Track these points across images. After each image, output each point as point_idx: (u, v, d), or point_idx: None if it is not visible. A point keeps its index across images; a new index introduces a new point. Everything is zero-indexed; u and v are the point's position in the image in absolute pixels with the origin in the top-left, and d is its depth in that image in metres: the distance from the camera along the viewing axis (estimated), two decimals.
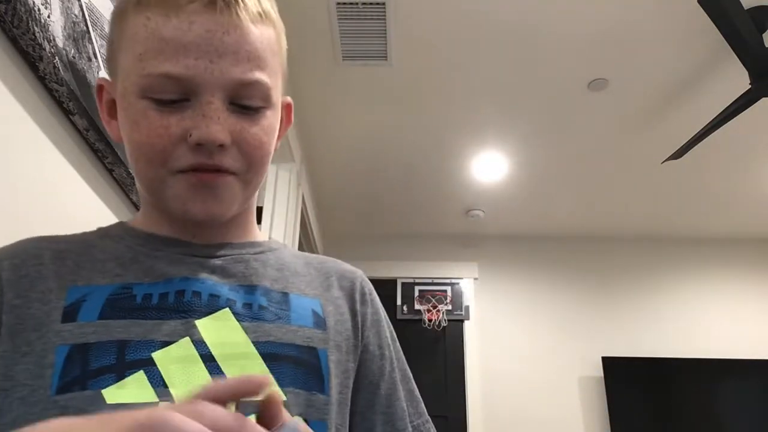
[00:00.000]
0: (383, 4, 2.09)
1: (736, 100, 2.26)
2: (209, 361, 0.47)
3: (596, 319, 3.82)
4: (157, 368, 0.45)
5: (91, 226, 0.87)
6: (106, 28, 0.85)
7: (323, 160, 3.18)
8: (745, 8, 1.92)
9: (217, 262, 0.54)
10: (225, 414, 0.30)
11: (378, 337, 0.63)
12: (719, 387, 3.47)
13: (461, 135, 2.92)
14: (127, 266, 0.52)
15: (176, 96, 0.49)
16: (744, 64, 2.08)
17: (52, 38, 0.69)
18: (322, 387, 0.53)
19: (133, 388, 0.44)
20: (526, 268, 4.00)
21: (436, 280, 3.92)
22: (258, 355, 0.50)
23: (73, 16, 0.75)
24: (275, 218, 2.49)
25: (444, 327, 3.79)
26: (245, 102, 0.51)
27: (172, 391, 0.45)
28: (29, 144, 0.71)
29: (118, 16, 0.53)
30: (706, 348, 3.69)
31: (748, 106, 2.26)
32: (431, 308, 3.81)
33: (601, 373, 3.54)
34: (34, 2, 0.65)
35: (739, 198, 3.47)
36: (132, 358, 0.45)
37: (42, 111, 0.73)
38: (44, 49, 0.68)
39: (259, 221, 2.45)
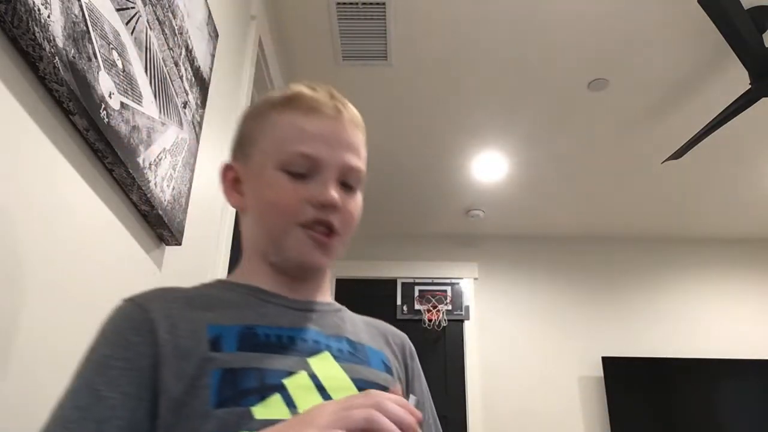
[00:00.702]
0: (383, 4, 2.09)
1: (736, 100, 2.26)
2: (322, 390, 0.59)
3: (596, 319, 3.82)
4: (288, 392, 0.58)
5: (91, 226, 0.87)
6: (106, 28, 0.85)
7: None
8: (745, 8, 1.92)
9: (312, 315, 0.69)
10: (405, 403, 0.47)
11: (420, 388, 0.76)
12: (719, 387, 3.47)
13: (461, 135, 2.92)
14: (244, 311, 0.65)
15: (305, 170, 0.67)
16: (744, 64, 2.08)
17: (52, 38, 0.69)
18: None
19: (274, 407, 0.56)
20: (526, 268, 4.00)
21: (436, 280, 3.92)
22: (356, 388, 0.62)
23: (73, 16, 0.75)
24: None
25: (444, 327, 3.79)
26: (348, 181, 0.69)
27: (299, 411, 0.56)
28: (29, 144, 0.71)
29: (258, 115, 0.72)
30: (706, 348, 3.69)
31: (748, 106, 2.26)
32: (431, 308, 3.81)
33: (601, 373, 3.54)
34: (34, 2, 0.65)
35: (739, 198, 3.47)
36: (269, 383, 0.57)
37: (42, 111, 0.74)
38: (44, 49, 0.68)
39: None
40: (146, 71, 1.00)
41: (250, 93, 1.82)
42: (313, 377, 0.60)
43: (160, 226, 1.09)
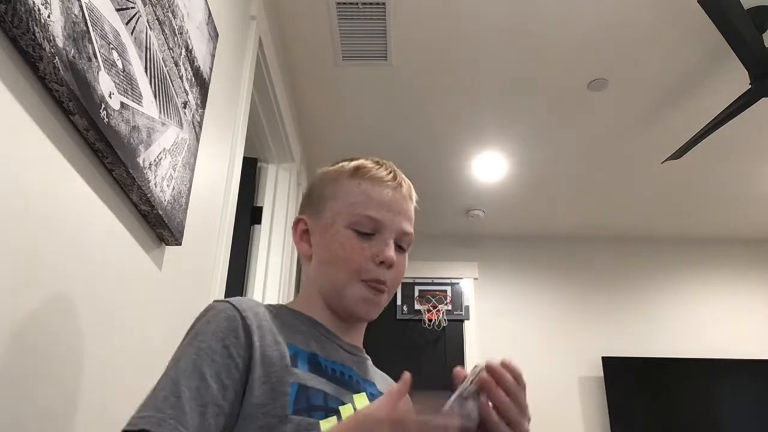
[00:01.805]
0: (383, 4, 2.09)
1: (736, 100, 2.26)
2: None
3: (596, 319, 3.82)
4: (342, 417, 0.67)
5: (90, 226, 0.87)
6: (106, 28, 0.85)
7: (323, 160, 3.17)
8: (745, 8, 1.92)
9: (355, 359, 0.80)
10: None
11: None
12: (719, 387, 3.47)
13: (461, 135, 2.92)
14: (309, 340, 0.75)
15: (369, 230, 0.78)
16: (744, 64, 2.08)
17: (52, 38, 0.69)
18: None
19: (332, 425, 0.64)
20: (526, 268, 4.00)
21: (436, 280, 3.92)
22: None
23: (73, 16, 0.75)
24: (275, 218, 2.49)
25: (444, 327, 3.79)
26: (402, 244, 0.82)
27: None
28: (29, 144, 0.71)
29: (333, 180, 0.84)
30: (705, 348, 3.69)
31: (748, 106, 2.26)
32: (431, 308, 3.81)
33: (601, 373, 3.54)
34: (34, 2, 0.65)
35: (739, 198, 3.47)
36: (330, 406, 0.68)
37: (42, 111, 0.74)
38: (44, 49, 0.68)
39: (258, 221, 2.46)
40: (146, 71, 1.00)
41: (250, 93, 1.82)
42: (356, 411, 0.70)
43: (160, 226, 1.09)
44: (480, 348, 3.75)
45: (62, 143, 0.79)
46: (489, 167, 3.20)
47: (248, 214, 2.41)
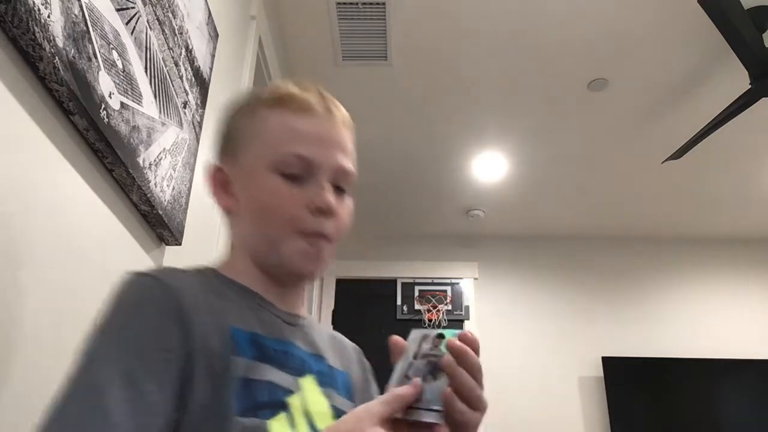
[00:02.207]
0: (383, 4, 2.09)
1: (736, 100, 2.26)
2: (307, 415, 0.60)
3: (596, 319, 3.82)
4: (291, 412, 0.58)
5: (91, 226, 0.87)
6: (106, 28, 0.85)
7: None
8: (745, 8, 1.92)
9: (297, 331, 0.68)
10: None
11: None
12: (719, 387, 3.47)
13: (461, 135, 2.92)
14: (246, 315, 0.63)
15: (299, 172, 0.65)
16: (744, 64, 2.08)
17: (52, 38, 0.69)
18: None
19: (283, 426, 0.57)
20: (526, 268, 4.00)
21: (436, 280, 3.92)
22: (333, 417, 0.63)
23: (73, 16, 0.75)
24: None
25: (444, 327, 3.79)
26: (341, 184, 0.68)
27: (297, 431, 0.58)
28: (29, 144, 0.71)
29: (249, 114, 0.69)
30: (706, 348, 3.68)
31: (748, 106, 2.26)
32: (431, 308, 3.81)
33: (601, 373, 3.54)
34: (34, 2, 0.65)
35: (739, 198, 3.48)
36: (277, 399, 0.58)
37: (42, 111, 0.74)
38: (44, 49, 0.68)
39: None
40: (146, 71, 1.00)
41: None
42: (303, 399, 0.61)
43: (160, 226, 1.09)
44: (480, 348, 3.75)
45: (62, 143, 0.79)
46: (489, 167, 3.20)
47: None
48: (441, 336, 0.53)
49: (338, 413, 0.64)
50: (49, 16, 0.69)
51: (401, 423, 0.49)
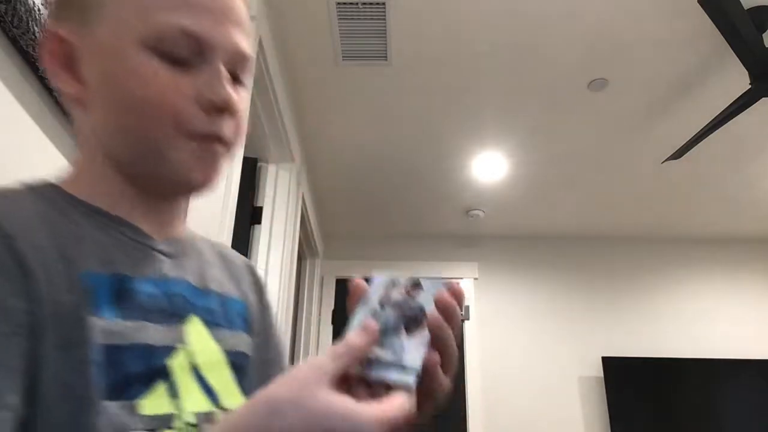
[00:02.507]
0: (383, 4, 2.09)
1: (736, 100, 2.26)
2: (195, 369, 0.48)
3: (596, 319, 3.82)
4: (172, 378, 0.45)
5: None
6: None
7: (323, 160, 3.18)
8: (745, 8, 1.92)
9: (178, 260, 0.54)
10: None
11: (273, 322, 0.67)
12: (719, 387, 3.47)
13: (461, 135, 2.92)
14: (108, 249, 0.47)
15: (187, 54, 0.47)
16: (744, 64, 2.08)
17: None
18: (249, 388, 0.55)
19: (159, 400, 0.44)
20: (526, 268, 4.00)
21: None
22: (227, 362, 0.52)
23: None
24: (275, 218, 2.49)
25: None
26: (239, 73, 0.52)
27: (181, 402, 0.45)
28: (29, 144, 0.71)
29: None
30: (706, 348, 3.69)
31: (748, 106, 2.26)
32: None
33: (601, 373, 3.54)
34: (34, 2, 0.65)
35: (739, 198, 3.48)
36: (155, 365, 0.45)
37: (42, 111, 0.74)
38: None
39: (258, 221, 2.46)
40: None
41: (250, 93, 1.82)
42: (188, 352, 0.48)
43: None
44: (480, 348, 3.75)
45: (62, 143, 0.79)
46: (489, 167, 3.20)
47: (248, 214, 2.41)
48: (417, 284, 0.43)
49: (235, 358, 0.53)
50: None
51: (361, 382, 0.38)
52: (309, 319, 3.58)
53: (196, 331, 0.50)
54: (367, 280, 0.45)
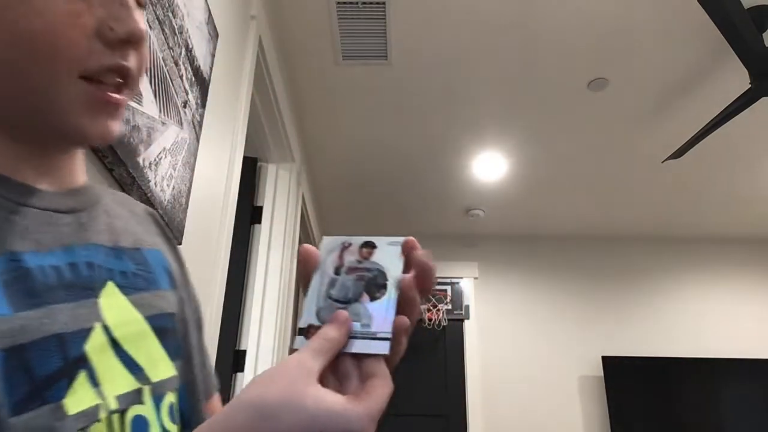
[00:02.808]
0: (383, 4, 2.09)
1: (736, 100, 2.26)
2: (116, 345, 0.41)
3: (596, 319, 3.82)
4: (91, 364, 0.38)
5: None
6: None
7: (323, 160, 3.18)
8: (745, 8, 1.92)
9: (82, 218, 0.44)
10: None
11: (189, 276, 0.59)
12: (719, 387, 3.47)
13: (461, 135, 2.92)
14: None
15: None
16: (744, 64, 2.08)
17: None
18: (181, 349, 0.51)
19: (83, 393, 0.37)
20: (526, 268, 4.00)
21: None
22: (152, 330, 0.46)
23: None
24: (275, 218, 2.49)
25: (444, 326, 3.79)
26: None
27: (103, 388, 0.39)
28: None
29: None
30: (706, 348, 3.69)
31: (748, 106, 2.26)
32: (431, 308, 3.81)
33: (601, 373, 3.54)
34: None
35: (739, 198, 3.48)
36: (73, 356, 0.37)
37: None
38: None
39: (258, 221, 2.46)
40: (146, 71, 1.00)
41: (250, 93, 1.82)
42: (106, 329, 0.40)
43: None
44: (480, 347, 3.75)
45: None
46: (489, 167, 3.20)
47: (248, 213, 2.42)
48: (370, 245, 0.42)
49: (159, 322, 0.47)
50: None
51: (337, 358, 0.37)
52: None
53: (112, 302, 0.42)
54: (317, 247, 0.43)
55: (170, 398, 0.45)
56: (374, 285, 0.40)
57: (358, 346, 0.37)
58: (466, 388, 3.64)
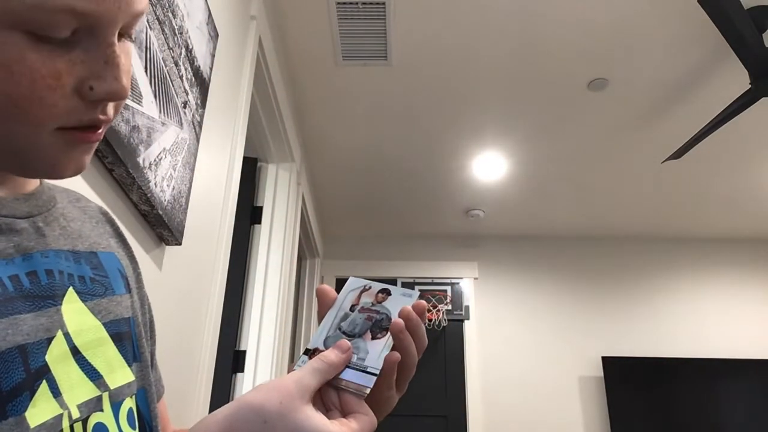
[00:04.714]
0: (383, 4, 2.09)
1: (736, 100, 2.26)
2: (77, 353, 0.41)
3: (596, 319, 3.82)
4: (52, 374, 0.38)
5: None
6: None
7: (323, 160, 3.18)
8: (745, 8, 1.92)
9: (39, 223, 0.43)
10: None
11: (141, 277, 0.59)
12: (719, 387, 3.47)
13: (461, 135, 2.92)
14: None
15: (68, 33, 0.35)
16: (744, 64, 2.08)
17: None
18: (137, 353, 0.51)
19: (44, 404, 0.36)
20: (526, 268, 4.00)
21: (436, 280, 3.92)
22: (109, 337, 0.45)
23: None
24: (275, 218, 2.49)
25: (444, 327, 3.79)
26: (129, 32, 0.40)
27: (64, 398, 0.38)
28: None
29: None
30: (706, 348, 3.69)
31: (748, 106, 2.26)
32: (431, 308, 3.81)
33: (601, 373, 3.54)
34: None
35: (739, 198, 3.48)
36: (35, 367, 0.36)
37: None
38: None
39: (258, 221, 2.46)
40: (146, 71, 0.99)
41: (250, 93, 1.82)
42: (67, 337, 0.40)
43: (160, 226, 1.09)
44: (480, 348, 3.75)
45: None
46: (489, 167, 3.20)
47: (248, 213, 2.42)
48: (386, 291, 0.48)
49: (116, 327, 0.47)
50: None
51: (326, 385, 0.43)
52: (309, 319, 3.57)
53: (72, 309, 0.42)
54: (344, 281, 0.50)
55: (129, 403, 0.46)
56: (379, 326, 0.45)
57: (349, 375, 0.43)
58: (466, 388, 3.64)
